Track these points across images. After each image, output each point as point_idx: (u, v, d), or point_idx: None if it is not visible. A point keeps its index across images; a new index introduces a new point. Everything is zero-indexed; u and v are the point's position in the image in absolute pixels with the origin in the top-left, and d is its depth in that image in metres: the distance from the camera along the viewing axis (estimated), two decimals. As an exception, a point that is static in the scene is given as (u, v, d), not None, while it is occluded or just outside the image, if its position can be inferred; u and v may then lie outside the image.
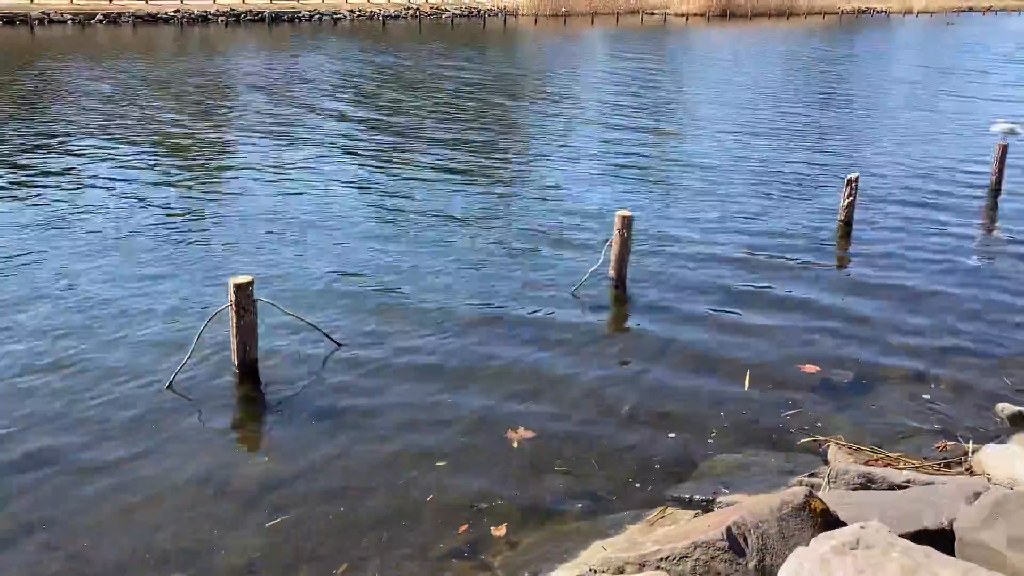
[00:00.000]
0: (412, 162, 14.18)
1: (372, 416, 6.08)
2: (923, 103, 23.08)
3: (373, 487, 5.27)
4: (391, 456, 5.60)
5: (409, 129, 17.33)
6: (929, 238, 10.49)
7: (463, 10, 61.96)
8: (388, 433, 5.87)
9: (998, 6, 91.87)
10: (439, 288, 8.44)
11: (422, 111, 19.70)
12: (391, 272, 8.85)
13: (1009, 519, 3.73)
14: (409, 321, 7.65)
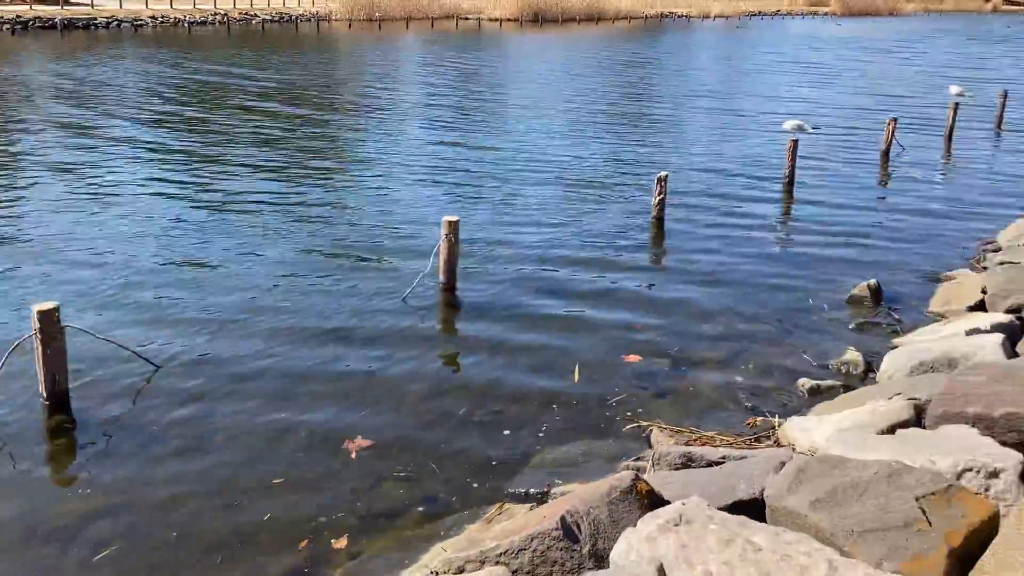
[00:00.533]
0: (227, 174, 13.73)
1: (199, 439, 5.88)
2: (722, 103, 24.58)
3: (205, 511, 5.11)
4: (223, 478, 5.44)
5: (221, 141, 16.74)
6: (733, 230, 11.21)
7: (274, 15, 60.33)
8: (218, 455, 5.70)
9: (784, 10, 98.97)
10: (264, 301, 8.25)
11: (235, 122, 19.07)
12: (210, 288, 8.56)
13: (810, 484, 4.09)
14: (233, 337, 7.44)
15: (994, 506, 3.91)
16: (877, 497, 3.93)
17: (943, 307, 8.01)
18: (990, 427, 4.84)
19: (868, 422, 5.19)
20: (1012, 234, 10.04)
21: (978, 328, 6.63)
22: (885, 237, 11.04)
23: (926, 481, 3.99)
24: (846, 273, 9.34)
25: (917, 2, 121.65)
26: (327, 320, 7.89)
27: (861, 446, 4.66)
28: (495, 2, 72.96)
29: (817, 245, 10.63)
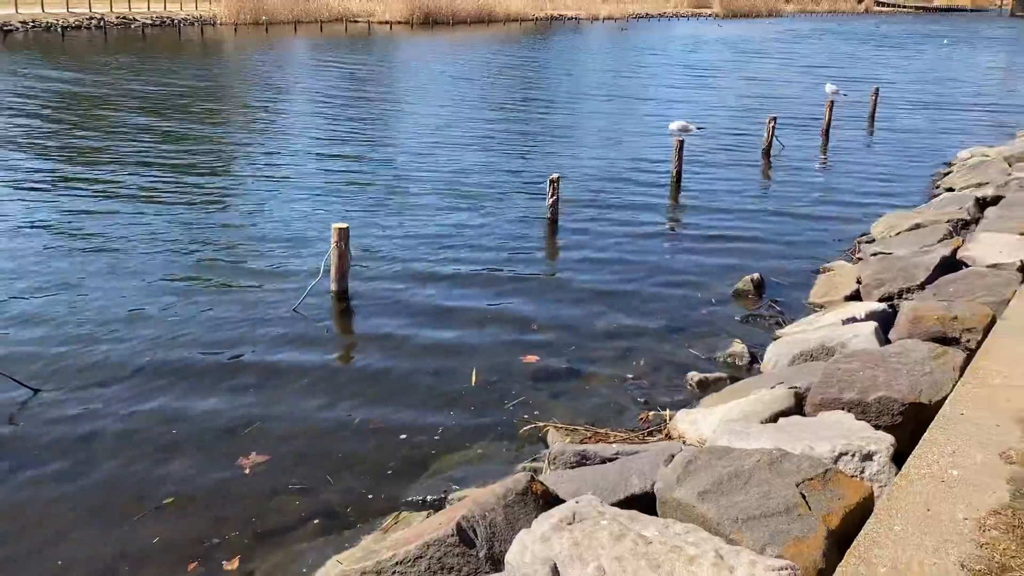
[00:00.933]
0: (105, 190, 13.19)
1: (82, 462, 5.65)
2: (610, 106, 25.02)
3: (90, 536, 4.91)
4: (108, 501, 5.24)
5: (96, 154, 16.07)
6: (624, 229, 11.43)
7: (155, 19, 58.35)
8: (103, 477, 5.49)
9: (670, 12, 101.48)
10: (149, 317, 7.98)
11: (112, 131, 18.33)
12: (91, 307, 8.22)
13: (698, 475, 4.21)
14: (117, 355, 7.16)
15: (868, 487, 4.11)
16: (760, 485, 4.08)
17: (822, 298, 8.36)
18: (865, 411, 5.09)
19: (752, 412, 5.38)
20: (884, 226, 10.56)
21: (854, 317, 6.94)
22: (768, 232, 11.45)
23: (805, 467, 4.16)
24: (732, 268, 9.65)
25: (795, 3, 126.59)
26: (215, 333, 7.68)
27: (745, 435, 4.82)
28: (385, 5, 72.45)
29: (704, 241, 10.95)
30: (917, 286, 7.53)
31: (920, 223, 9.85)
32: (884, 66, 40.61)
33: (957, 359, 5.42)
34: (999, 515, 3.76)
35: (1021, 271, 7.23)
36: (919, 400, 5.01)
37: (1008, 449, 4.31)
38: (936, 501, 3.89)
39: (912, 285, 7.56)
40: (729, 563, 3.46)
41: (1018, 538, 3.60)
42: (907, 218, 10.42)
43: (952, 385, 5.11)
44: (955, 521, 3.73)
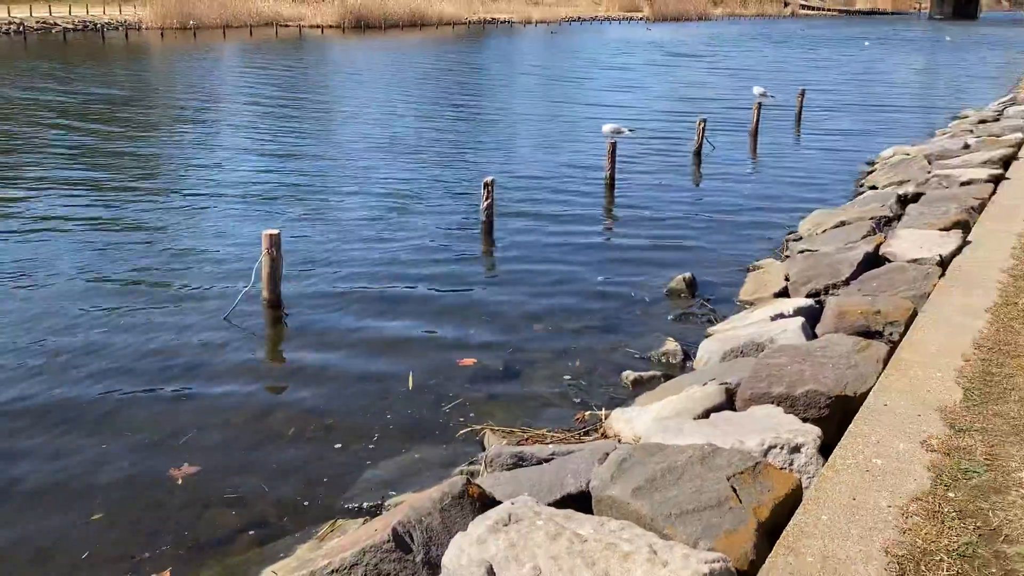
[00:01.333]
0: (21, 211, 12.81)
1: (5, 478, 5.47)
2: (543, 109, 25.16)
3: (15, 555, 4.75)
4: (34, 519, 5.09)
5: (13, 167, 15.60)
6: (559, 232, 11.50)
7: (77, 24, 56.82)
8: (28, 495, 5.33)
9: (602, 15, 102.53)
10: (75, 328, 7.76)
11: (30, 143, 17.81)
12: (13, 323, 7.97)
13: (631, 472, 4.26)
14: (41, 368, 6.96)
15: (797, 479, 4.21)
16: (693, 480, 4.14)
17: (752, 295, 8.52)
18: (793, 405, 5.20)
19: (685, 408, 5.46)
20: (810, 224, 10.82)
21: (782, 313, 7.09)
22: (700, 232, 11.63)
23: (736, 461, 4.24)
24: (665, 267, 9.77)
25: (723, 7, 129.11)
26: (145, 343, 7.51)
27: (678, 432, 4.89)
28: (316, 9, 71.84)
29: (638, 242, 11.08)
30: (842, 282, 7.72)
31: (845, 220, 10.11)
32: (810, 67, 41.62)
33: (880, 352, 5.58)
34: (920, 501, 3.88)
35: (940, 265, 7.47)
36: (844, 393, 5.14)
37: (929, 438, 4.45)
38: (861, 490, 4.00)
39: (838, 281, 7.76)
40: (663, 558, 3.50)
41: (938, 523, 3.72)
42: (832, 216, 10.69)
43: (876, 377, 5.25)
44: (879, 509, 3.84)
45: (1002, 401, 4.85)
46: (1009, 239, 8.20)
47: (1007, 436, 4.46)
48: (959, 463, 4.20)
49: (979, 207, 9.44)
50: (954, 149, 13.80)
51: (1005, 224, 8.77)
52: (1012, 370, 5.25)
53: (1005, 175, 11.21)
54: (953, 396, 4.92)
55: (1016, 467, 4.17)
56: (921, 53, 55.86)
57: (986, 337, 5.77)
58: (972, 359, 5.42)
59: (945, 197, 9.96)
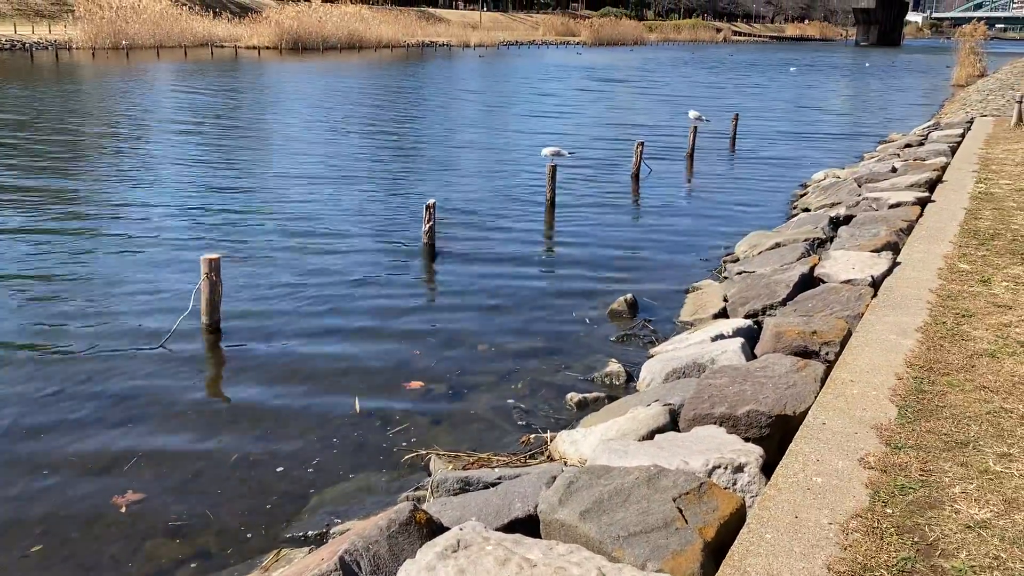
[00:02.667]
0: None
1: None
2: (481, 134, 25.27)
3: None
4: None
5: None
6: (501, 254, 11.54)
7: (3, 43, 55.38)
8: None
9: (539, 40, 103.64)
10: (7, 361, 7.52)
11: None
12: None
13: (579, 495, 4.28)
14: (-31, 401, 6.73)
15: (741, 498, 4.27)
16: (639, 501, 4.18)
17: (691, 316, 8.65)
18: (735, 425, 5.29)
19: (630, 429, 5.52)
20: (747, 245, 11.04)
21: (722, 334, 7.21)
22: (639, 253, 11.79)
23: (681, 482, 4.29)
24: (606, 289, 9.88)
25: (658, 32, 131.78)
26: (82, 372, 7.31)
27: (624, 453, 4.93)
28: (252, 30, 71.23)
29: (579, 263, 11.18)
30: (779, 302, 7.89)
31: (780, 242, 10.35)
32: (742, 92, 42.62)
33: (818, 371, 5.71)
34: (860, 518, 3.98)
35: (872, 286, 7.69)
36: (784, 412, 5.25)
37: (866, 455, 4.57)
38: (803, 508, 4.08)
39: (775, 302, 7.93)
40: (612, 580, 3.52)
41: (877, 539, 3.82)
42: (768, 237, 10.93)
43: (814, 396, 5.38)
44: (821, 526, 3.93)
45: (934, 418, 5.00)
46: (936, 260, 8.49)
47: (940, 452, 4.60)
48: (895, 480, 4.32)
49: (907, 229, 9.75)
50: (882, 172, 14.25)
51: (933, 245, 9.07)
52: (943, 387, 5.43)
53: (931, 198, 11.60)
54: (888, 414, 5.06)
55: (949, 482, 4.30)
56: (847, 79, 57.65)
57: (917, 356, 5.95)
58: (905, 377, 5.58)
59: (875, 219, 10.27)
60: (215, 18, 73.49)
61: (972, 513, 4.03)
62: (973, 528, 3.91)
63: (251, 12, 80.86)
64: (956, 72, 51.17)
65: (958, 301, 7.17)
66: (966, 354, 5.98)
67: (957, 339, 6.27)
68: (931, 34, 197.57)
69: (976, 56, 51.84)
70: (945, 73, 57.14)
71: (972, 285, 7.65)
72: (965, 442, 4.72)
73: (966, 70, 49.90)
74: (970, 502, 4.12)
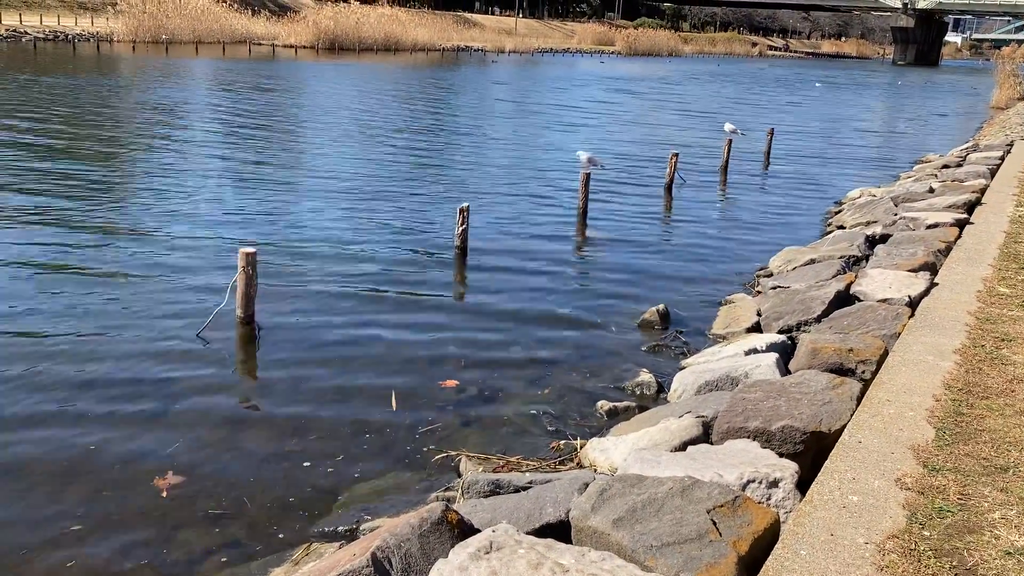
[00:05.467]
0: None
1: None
2: (517, 139, 25.33)
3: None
4: (9, 527, 4.99)
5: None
6: (533, 258, 11.55)
7: (47, 34, 56.22)
8: (5, 501, 5.23)
9: (574, 48, 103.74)
10: (49, 345, 7.65)
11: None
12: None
13: (612, 503, 4.27)
14: (21, 383, 6.84)
15: (775, 513, 4.24)
16: (673, 512, 4.16)
17: (724, 329, 8.61)
18: (769, 440, 5.26)
19: (662, 440, 5.50)
20: (781, 260, 10.97)
21: (755, 348, 7.17)
22: (671, 264, 11.75)
23: (715, 494, 4.27)
24: (638, 299, 9.84)
25: (693, 45, 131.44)
26: (119, 359, 7.43)
27: (656, 464, 4.91)
28: (290, 29, 71.86)
29: (610, 273, 11.15)
30: (814, 319, 7.83)
31: (815, 258, 10.27)
32: (777, 106, 42.39)
33: (854, 389, 5.67)
34: (896, 539, 3.94)
35: (909, 306, 7.62)
36: (819, 429, 5.21)
37: (903, 475, 4.52)
38: (839, 526, 4.05)
39: (810, 318, 7.87)
40: (645, 589, 3.51)
41: (915, 561, 3.78)
42: (803, 253, 10.85)
43: (850, 414, 5.33)
44: (856, 545, 3.89)
45: (973, 442, 4.94)
46: (975, 283, 8.39)
47: (979, 476, 4.54)
48: (933, 502, 4.27)
49: (945, 250, 9.65)
50: (919, 192, 14.11)
51: (971, 268, 8.97)
52: (982, 411, 5.36)
53: (970, 219, 11.48)
54: (925, 435, 5.01)
55: (988, 508, 4.25)
56: (882, 97, 57.17)
57: (956, 378, 5.88)
58: (943, 399, 5.52)
59: (912, 239, 10.17)
60: (254, 16, 74.23)
61: (1012, 539, 3.97)
62: (1013, 555, 3.85)
63: (289, 11, 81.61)
64: (996, 94, 50.54)
65: (997, 325, 7.09)
66: (1006, 378, 5.91)
67: (996, 363, 6.20)
68: (970, 55, 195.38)
69: (1016, 78, 51.16)
70: (984, 95, 56.48)
71: (1012, 309, 7.55)
72: (1005, 467, 4.65)
73: (1006, 92, 49.26)
74: (1010, 528, 4.07)
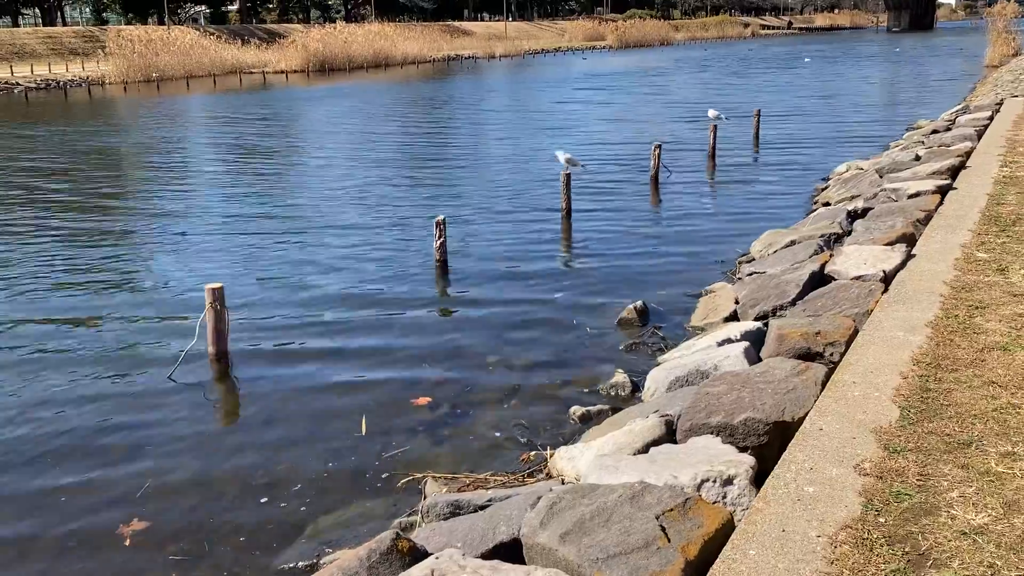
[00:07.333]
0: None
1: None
2: (500, 143, 25.24)
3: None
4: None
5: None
6: (514, 264, 11.47)
7: (39, 83, 56.66)
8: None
9: (564, 47, 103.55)
10: (11, 393, 7.61)
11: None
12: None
13: (560, 516, 4.16)
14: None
15: (728, 513, 4.12)
16: (622, 521, 4.05)
17: (703, 320, 8.47)
18: (732, 434, 5.13)
19: (625, 443, 5.38)
20: (761, 244, 10.82)
21: (730, 338, 7.03)
22: (654, 259, 11.62)
23: (666, 498, 4.15)
24: (619, 297, 9.71)
25: (684, 31, 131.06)
26: (88, 404, 7.37)
27: (615, 469, 4.80)
28: (280, 55, 72.07)
29: (593, 273, 11.04)
30: (789, 303, 7.69)
31: (795, 240, 10.11)
32: (766, 87, 42.10)
33: (819, 374, 5.53)
34: (850, 529, 3.81)
35: (884, 281, 7.46)
36: (783, 418, 5.08)
37: (862, 461, 4.39)
38: (791, 521, 3.92)
39: (785, 302, 7.73)
40: (585, 607, 3.40)
41: (866, 551, 3.65)
42: (784, 235, 10.69)
43: (814, 400, 5.20)
44: (808, 540, 3.77)
45: (938, 418, 4.80)
46: (953, 250, 8.22)
47: (940, 454, 4.41)
48: (891, 486, 4.14)
49: (925, 219, 9.48)
50: (905, 161, 13.91)
51: (950, 235, 8.79)
52: (949, 385, 5.21)
53: (953, 185, 11.28)
54: (889, 416, 4.87)
55: (947, 487, 4.11)
56: (877, 67, 56.72)
57: (925, 352, 5.74)
58: (910, 376, 5.38)
59: (892, 211, 10.00)
60: (243, 45, 74.50)
61: (969, 519, 3.84)
62: (968, 535, 3.72)
63: (279, 37, 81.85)
64: (989, 52, 50.05)
65: (973, 292, 6.92)
66: (976, 348, 5.75)
67: (968, 333, 6.04)
68: (965, 15, 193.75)
69: (1009, 35, 50.64)
70: (980, 55, 55.92)
71: (989, 275, 7.39)
72: (968, 442, 4.51)
73: (999, 50, 48.79)
74: (967, 507, 3.93)
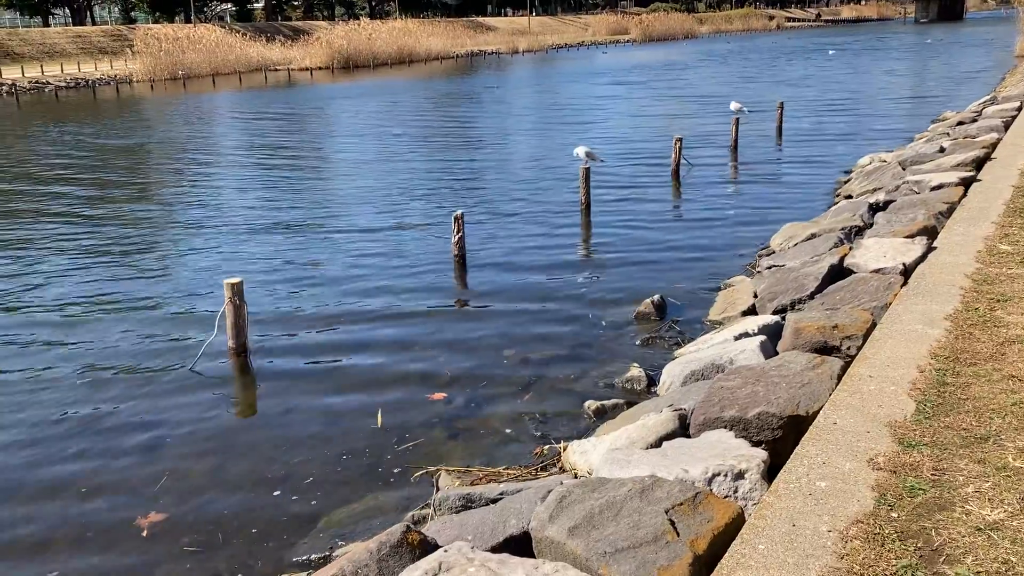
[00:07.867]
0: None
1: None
2: (518, 136, 25.24)
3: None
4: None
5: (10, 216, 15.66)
6: (534, 258, 11.45)
7: (68, 81, 57.33)
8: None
9: (588, 41, 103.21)
10: (36, 380, 7.72)
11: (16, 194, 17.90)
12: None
13: (570, 510, 4.15)
14: (11, 424, 6.92)
15: (738, 507, 4.09)
16: (631, 515, 4.03)
17: (721, 314, 8.42)
18: (746, 428, 5.09)
19: (639, 438, 5.35)
20: (782, 237, 10.72)
21: (747, 332, 6.97)
22: (675, 252, 11.55)
23: (676, 492, 4.13)
24: (638, 291, 9.66)
25: (709, 24, 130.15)
26: (109, 394, 7.48)
27: (626, 463, 4.78)
28: (305, 52, 72.40)
29: (613, 266, 11.00)
30: (807, 296, 7.62)
31: (815, 233, 10.02)
32: (789, 80, 41.73)
33: (835, 367, 5.47)
34: (861, 524, 3.77)
35: (903, 274, 7.37)
36: (797, 412, 5.03)
37: (876, 455, 4.34)
38: (802, 516, 3.88)
39: (803, 296, 7.66)
40: (591, 600, 3.40)
41: (878, 546, 3.61)
42: (804, 228, 10.60)
43: (829, 394, 5.15)
44: (819, 535, 3.73)
45: (954, 412, 4.74)
46: (976, 243, 8.10)
47: (956, 449, 4.35)
48: (905, 481, 4.08)
49: (948, 211, 9.35)
50: (929, 153, 13.73)
51: (973, 227, 8.67)
52: (967, 379, 5.14)
53: (977, 176, 11.12)
54: (905, 410, 4.81)
55: (963, 482, 4.06)
56: (903, 58, 56.01)
57: (943, 346, 5.66)
58: (927, 370, 5.31)
59: (914, 203, 9.88)
60: (268, 43, 74.93)
61: (984, 514, 3.78)
62: (983, 530, 3.67)
63: (304, 35, 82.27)
64: (1019, 42, 49.24)
65: (994, 285, 6.82)
66: (997, 342, 5.67)
67: (989, 326, 5.95)
68: (996, 4, 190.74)
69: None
70: (1011, 45, 55.03)
71: (1012, 267, 7.27)
72: (985, 437, 4.45)
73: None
74: (983, 502, 3.87)
